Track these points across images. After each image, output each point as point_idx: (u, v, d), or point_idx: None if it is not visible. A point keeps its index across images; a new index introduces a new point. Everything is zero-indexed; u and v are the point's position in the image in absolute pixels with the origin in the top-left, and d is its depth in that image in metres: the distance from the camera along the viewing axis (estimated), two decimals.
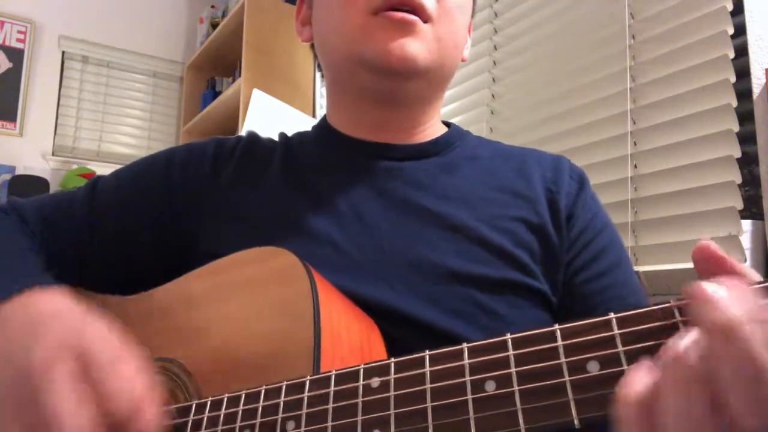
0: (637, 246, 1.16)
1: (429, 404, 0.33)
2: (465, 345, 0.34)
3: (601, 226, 0.62)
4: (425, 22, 0.58)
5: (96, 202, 0.65)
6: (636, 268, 1.09)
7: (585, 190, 0.64)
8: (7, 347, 0.40)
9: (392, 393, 0.35)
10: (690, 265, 1.03)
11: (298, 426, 0.37)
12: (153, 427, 0.38)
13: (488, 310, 0.54)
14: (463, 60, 0.68)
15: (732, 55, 1.04)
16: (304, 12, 0.70)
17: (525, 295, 0.56)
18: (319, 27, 0.65)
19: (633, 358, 0.29)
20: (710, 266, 0.30)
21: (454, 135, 0.68)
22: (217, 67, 3.06)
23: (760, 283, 0.27)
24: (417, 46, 0.57)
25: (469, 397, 0.32)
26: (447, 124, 0.72)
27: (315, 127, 0.71)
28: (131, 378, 0.38)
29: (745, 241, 0.99)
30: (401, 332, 0.51)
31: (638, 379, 0.27)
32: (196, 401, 0.44)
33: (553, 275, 0.59)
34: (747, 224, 1.00)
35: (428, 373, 0.34)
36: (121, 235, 0.64)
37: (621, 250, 0.63)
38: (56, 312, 0.42)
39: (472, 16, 0.70)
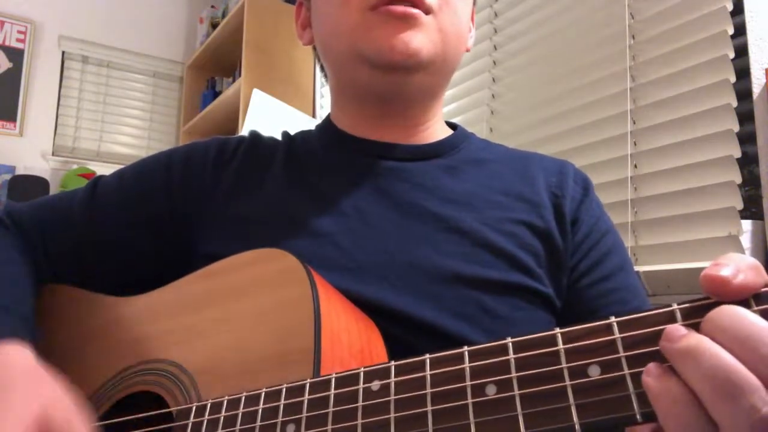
0: (637, 246, 1.16)
1: (429, 408, 0.33)
2: (466, 348, 0.34)
3: (605, 231, 0.62)
4: (426, 14, 0.57)
5: (97, 202, 0.65)
6: (636, 268, 1.09)
7: (589, 195, 0.64)
8: None
9: (392, 396, 0.35)
10: (690, 265, 1.04)
11: (298, 429, 0.37)
12: None
13: (492, 313, 0.53)
14: (467, 50, 0.67)
15: (732, 55, 1.04)
16: (303, 15, 0.69)
17: (529, 298, 0.56)
18: (319, 28, 0.65)
19: (634, 362, 0.28)
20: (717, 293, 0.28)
21: (459, 137, 0.68)
22: (217, 67, 3.06)
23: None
24: (420, 39, 0.57)
25: (470, 401, 0.32)
26: (452, 126, 0.71)
27: (318, 127, 0.71)
28: None
29: (745, 241, 0.99)
30: (403, 333, 0.51)
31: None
32: (196, 404, 0.44)
33: (557, 279, 0.59)
34: (747, 224, 1.00)
35: (429, 376, 0.34)
36: (121, 236, 0.64)
37: (624, 254, 0.63)
38: (19, 374, 0.45)
39: (474, 4, 0.69)
